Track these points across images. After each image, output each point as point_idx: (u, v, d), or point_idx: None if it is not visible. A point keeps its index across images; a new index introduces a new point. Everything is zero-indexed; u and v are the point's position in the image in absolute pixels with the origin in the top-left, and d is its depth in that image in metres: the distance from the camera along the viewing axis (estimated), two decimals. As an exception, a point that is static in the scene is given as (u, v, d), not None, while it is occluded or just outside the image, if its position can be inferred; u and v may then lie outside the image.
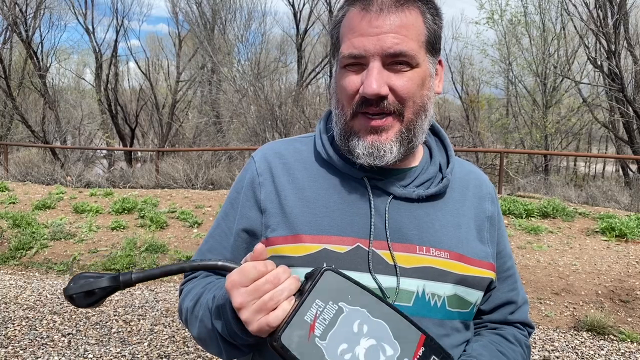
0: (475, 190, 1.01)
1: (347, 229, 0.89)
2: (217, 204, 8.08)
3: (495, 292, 1.02)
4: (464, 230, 0.95)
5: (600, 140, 27.09)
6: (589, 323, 4.06)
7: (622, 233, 6.12)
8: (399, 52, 0.83)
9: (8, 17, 18.34)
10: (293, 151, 1.00)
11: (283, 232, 0.91)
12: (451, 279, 0.89)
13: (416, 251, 0.89)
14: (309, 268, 0.86)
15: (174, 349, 3.72)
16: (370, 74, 0.83)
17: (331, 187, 0.93)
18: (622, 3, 13.04)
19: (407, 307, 0.86)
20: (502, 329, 1.03)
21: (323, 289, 0.71)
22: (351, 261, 0.87)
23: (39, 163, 12.75)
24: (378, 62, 0.84)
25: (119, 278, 0.73)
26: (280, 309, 0.70)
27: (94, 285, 0.72)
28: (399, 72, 0.85)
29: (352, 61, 0.86)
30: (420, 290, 0.87)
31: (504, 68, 18.72)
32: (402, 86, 0.85)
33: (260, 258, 0.73)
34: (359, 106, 0.86)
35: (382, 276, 0.87)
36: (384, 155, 0.87)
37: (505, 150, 12.95)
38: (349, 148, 0.90)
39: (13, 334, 3.91)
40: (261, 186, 0.96)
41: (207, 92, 22.81)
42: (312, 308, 0.70)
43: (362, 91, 0.84)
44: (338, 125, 0.92)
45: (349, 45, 0.86)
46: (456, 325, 0.91)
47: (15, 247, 6.23)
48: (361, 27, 0.85)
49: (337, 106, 0.91)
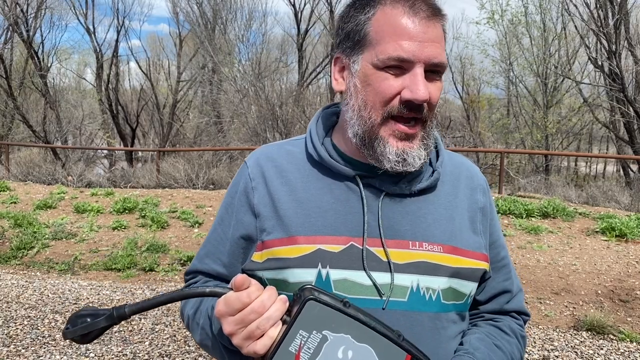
0: (467, 181, 1.02)
1: (341, 228, 0.90)
2: (217, 204, 8.10)
3: (491, 282, 1.03)
4: (457, 223, 0.95)
5: (601, 141, 27.08)
6: (588, 323, 4.07)
7: (622, 233, 6.12)
8: (440, 63, 0.85)
9: (9, 17, 18.37)
10: (285, 154, 1.00)
11: (278, 235, 0.92)
12: (445, 272, 0.90)
13: (409, 247, 0.90)
14: (304, 269, 0.88)
15: (175, 348, 3.73)
16: (418, 80, 0.83)
17: (324, 188, 0.94)
18: (622, 3, 13.04)
19: (402, 302, 0.88)
20: (498, 320, 1.04)
21: (306, 319, 0.72)
22: (345, 260, 0.88)
23: (40, 163, 12.77)
24: (422, 69, 0.84)
25: (114, 315, 0.74)
26: (266, 337, 0.72)
27: (90, 327, 0.74)
28: (433, 81, 0.87)
29: (395, 63, 0.84)
30: (414, 285, 0.88)
31: (504, 68, 18.73)
32: (435, 95, 0.87)
33: (241, 289, 0.74)
34: (397, 109, 0.86)
35: (376, 273, 0.88)
36: (414, 161, 0.88)
37: (505, 151, 12.96)
38: (375, 153, 0.89)
39: (15, 333, 3.92)
40: (254, 190, 0.97)
41: (207, 92, 22.83)
42: (297, 338, 0.71)
43: (410, 96, 0.84)
44: (361, 128, 0.89)
45: (395, 47, 0.83)
46: (452, 317, 0.93)
47: (17, 246, 6.25)
48: (409, 31, 0.83)
49: (365, 108, 0.88)
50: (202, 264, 1.03)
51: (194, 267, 1.05)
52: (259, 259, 0.93)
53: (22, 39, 19.48)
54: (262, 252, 0.93)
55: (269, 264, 0.92)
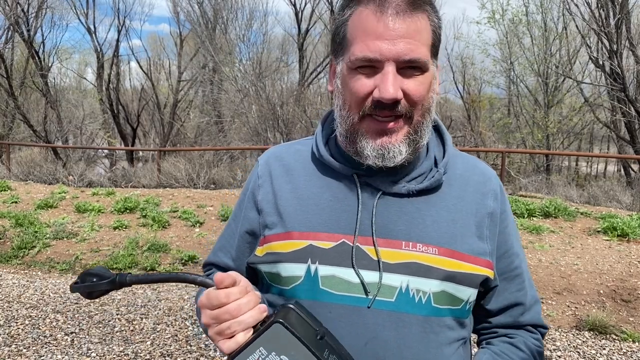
0: (477, 186, 0.99)
1: (335, 226, 0.91)
2: (218, 204, 8.09)
3: (502, 292, 1.00)
4: (459, 226, 0.93)
5: (602, 140, 27.04)
6: (590, 323, 4.06)
7: (624, 233, 6.11)
8: (414, 59, 0.83)
9: (10, 16, 18.37)
10: (293, 152, 1.03)
11: (278, 230, 0.95)
12: (438, 275, 0.88)
13: (402, 247, 0.89)
14: (296, 263, 0.90)
15: (176, 347, 3.73)
16: (386, 79, 0.83)
17: (324, 185, 0.96)
18: (624, 3, 13.02)
19: (389, 303, 0.87)
20: (512, 336, 1.01)
21: (269, 339, 0.74)
22: (335, 257, 0.89)
23: (41, 162, 12.76)
24: (393, 67, 0.83)
25: (116, 280, 0.81)
26: (233, 341, 0.75)
27: (93, 287, 0.81)
28: (411, 77, 0.85)
29: (365, 64, 0.85)
30: (403, 286, 0.87)
31: (505, 68, 18.69)
32: (415, 90, 0.85)
33: (220, 286, 0.76)
34: (370, 109, 0.86)
35: (365, 271, 0.88)
36: (394, 156, 0.88)
37: (506, 150, 12.94)
38: (357, 149, 0.90)
39: (16, 333, 3.92)
40: (260, 188, 1.01)
41: (208, 92, 22.82)
42: (255, 354, 0.74)
43: (378, 96, 0.84)
44: (343, 127, 0.91)
45: (363, 47, 0.84)
46: (447, 322, 0.91)
47: (18, 246, 6.25)
48: (377, 30, 0.83)
49: (344, 107, 0.90)
50: (215, 256, 1.10)
51: (209, 259, 1.11)
52: (260, 253, 0.97)
53: (23, 39, 19.48)
54: (262, 246, 0.96)
55: (267, 257, 0.95)
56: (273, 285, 0.96)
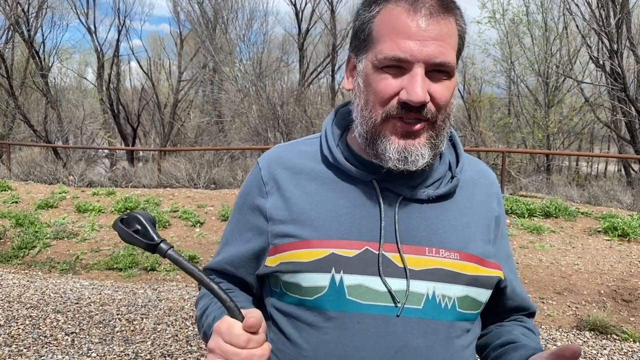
0: (484, 188, 0.99)
1: (355, 233, 0.88)
2: (219, 204, 8.09)
3: (517, 292, 1.05)
4: (472, 230, 0.93)
5: (603, 140, 27.03)
6: (591, 322, 4.06)
7: (624, 233, 6.11)
8: (444, 63, 0.81)
9: (10, 16, 18.37)
10: (297, 154, 0.98)
11: (291, 239, 0.90)
12: (462, 280, 0.88)
13: (425, 253, 0.88)
14: (318, 273, 0.86)
15: (177, 347, 3.72)
16: (415, 81, 0.81)
17: (339, 191, 0.92)
18: (624, 2, 13.02)
19: (417, 310, 0.86)
20: (522, 321, 1.07)
21: None
22: (360, 265, 0.86)
23: (42, 162, 12.76)
24: (422, 69, 0.81)
25: (155, 246, 0.77)
26: None
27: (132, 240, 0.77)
28: (439, 81, 0.83)
29: (393, 63, 0.82)
30: (430, 293, 0.86)
31: (505, 67, 18.67)
32: (441, 95, 0.84)
33: (248, 330, 0.75)
34: (395, 110, 0.84)
35: (391, 279, 0.86)
36: (416, 160, 0.85)
37: (507, 150, 12.94)
38: (377, 151, 0.87)
39: (17, 333, 3.92)
40: (268, 195, 0.95)
41: (208, 92, 22.82)
42: None
43: (406, 97, 0.81)
44: (363, 127, 0.88)
45: (392, 46, 0.81)
46: (466, 326, 0.91)
47: (18, 246, 6.25)
48: (408, 29, 0.81)
49: (365, 107, 0.87)
50: (218, 264, 1.05)
51: (213, 266, 1.06)
52: (272, 264, 0.92)
53: (23, 39, 19.49)
54: (274, 256, 0.92)
55: (282, 267, 0.90)
56: (289, 294, 0.91)
